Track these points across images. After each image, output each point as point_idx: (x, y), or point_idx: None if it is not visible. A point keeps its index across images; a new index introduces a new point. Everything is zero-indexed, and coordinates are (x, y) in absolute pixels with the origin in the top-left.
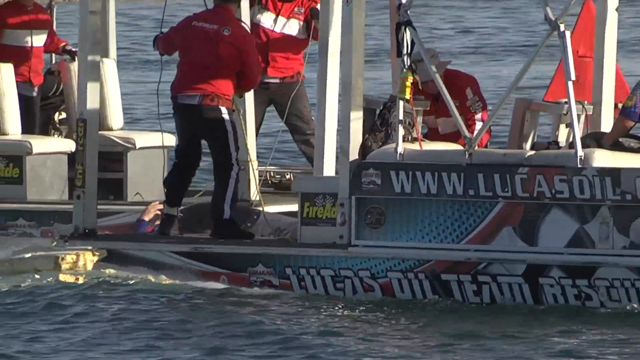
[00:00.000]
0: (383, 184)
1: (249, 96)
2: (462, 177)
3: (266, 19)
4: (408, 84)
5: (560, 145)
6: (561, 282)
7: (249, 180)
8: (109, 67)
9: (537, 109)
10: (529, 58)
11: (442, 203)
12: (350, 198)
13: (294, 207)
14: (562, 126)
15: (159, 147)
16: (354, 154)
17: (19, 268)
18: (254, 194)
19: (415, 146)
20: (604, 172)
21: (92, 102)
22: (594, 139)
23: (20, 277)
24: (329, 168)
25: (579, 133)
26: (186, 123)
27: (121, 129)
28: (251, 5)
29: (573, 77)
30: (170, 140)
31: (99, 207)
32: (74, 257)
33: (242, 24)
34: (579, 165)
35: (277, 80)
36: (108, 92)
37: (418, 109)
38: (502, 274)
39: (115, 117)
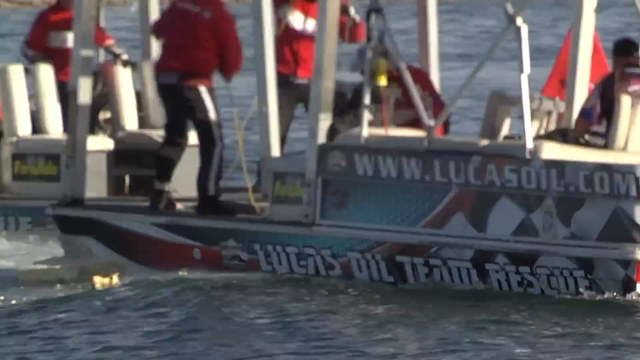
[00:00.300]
0: (347, 166)
1: (272, 96)
2: (420, 163)
3: (296, 20)
4: (383, 70)
5: None
6: (506, 268)
7: None
8: (150, 68)
9: (510, 103)
10: (487, 52)
11: (401, 187)
12: (316, 179)
13: None
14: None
15: (196, 145)
16: (322, 136)
17: (43, 278)
18: None
19: (381, 131)
20: (550, 163)
21: (83, 75)
22: (560, 134)
23: (52, 285)
24: None
25: (530, 126)
26: (168, 102)
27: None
28: (277, 4)
29: (528, 71)
30: None
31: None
32: (98, 267)
33: (226, 9)
34: (527, 157)
35: (307, 81)
36: (150, 92)
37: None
38: (452, 258)
39: (157, 116)
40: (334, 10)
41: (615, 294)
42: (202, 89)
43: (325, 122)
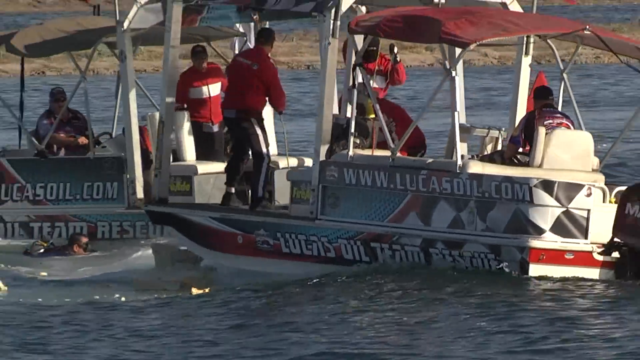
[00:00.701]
0: (339, 177)
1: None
2: (387, 175)
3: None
4: (370, 106)
5: None
6: (443, 252)
7: None
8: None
9: (466, 132)
10: (429, 98)
11: (374, 193)
12: (318, 186)
13: None
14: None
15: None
16: (323, 155)
17: (152, 287)
18: None
19: (365, 152)
20: (472, 176)
21: (167, 111)
22: (499, 155)
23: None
24: None
25: (459, 150)
26: (231, 130)
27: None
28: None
29: (457, 109)
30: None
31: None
32: (195, 281)
33: (270, 62)
34: (457, 171)
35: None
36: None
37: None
38: (407, 244)
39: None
40: (333, 62)
41: (515, 271)
42: (253, 121)
43: (325, 145)
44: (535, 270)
